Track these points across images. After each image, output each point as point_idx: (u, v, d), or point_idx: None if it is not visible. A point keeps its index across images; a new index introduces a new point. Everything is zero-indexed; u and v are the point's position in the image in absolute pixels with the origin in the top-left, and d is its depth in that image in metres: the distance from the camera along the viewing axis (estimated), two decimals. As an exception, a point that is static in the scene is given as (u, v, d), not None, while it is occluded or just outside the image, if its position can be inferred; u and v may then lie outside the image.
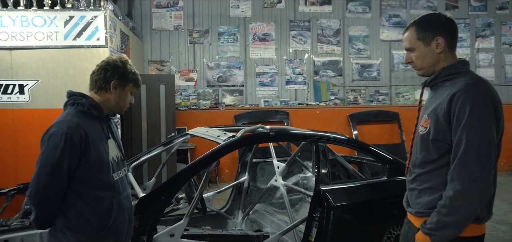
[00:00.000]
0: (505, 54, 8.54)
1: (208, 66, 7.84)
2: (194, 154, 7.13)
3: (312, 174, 4.04)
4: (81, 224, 1.70)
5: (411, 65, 1.81)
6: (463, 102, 1.54)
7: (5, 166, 4.98)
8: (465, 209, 1.55)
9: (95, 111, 1.78)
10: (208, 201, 3.65)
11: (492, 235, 4.42)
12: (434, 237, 1.59)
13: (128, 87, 1.87)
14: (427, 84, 1.78)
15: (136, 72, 1.90)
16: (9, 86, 4.93)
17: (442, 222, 1.57)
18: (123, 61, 1.85)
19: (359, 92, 8.20)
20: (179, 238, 2.67)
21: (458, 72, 1.67)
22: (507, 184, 7.07)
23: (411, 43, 1.74)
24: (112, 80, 1.81)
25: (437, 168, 1.66)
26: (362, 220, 2.99)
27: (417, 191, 1.75)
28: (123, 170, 1.95)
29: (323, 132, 3.60)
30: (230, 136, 2.91)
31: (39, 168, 1.66)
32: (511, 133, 8.40)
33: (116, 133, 1.97)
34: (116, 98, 1.84)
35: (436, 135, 1.64)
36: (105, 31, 4.99)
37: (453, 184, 1.56)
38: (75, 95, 1.80)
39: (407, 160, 1.89)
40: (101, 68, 1.82)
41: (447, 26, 1.71)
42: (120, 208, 1.81)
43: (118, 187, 1.83)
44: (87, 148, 1.69)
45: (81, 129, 1.68)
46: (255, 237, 3.29)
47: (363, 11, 8.16)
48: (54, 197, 1.66)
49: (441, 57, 1.70)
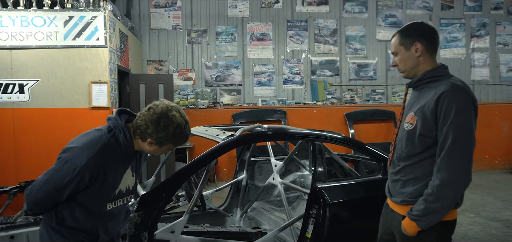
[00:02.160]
0: (500, 54, 8.64)
1: (206, 66, 7.90)
2: (192, 153, 7.19)
3: (309, 172, 4.11)
4: (62, 230, 1.74)
5: (396, 68, 1.99)
6: (450, 102, 1.72)
7: (5, 165, 5.02)
8: (451, 195, 1.74)
9: (125, 149, 1.72)
10: (207, 199, 3.71)
11: (485, 232, 4.51)
12: (421, 223, 1.76)
13: (166, 146, 1.75)
14: (412, 85, 1.96)
15: (181, 132, 1.70)
16: (9, 85, 4.98)
17: (429, 209, 1.74)
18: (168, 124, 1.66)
19: (355, 92, 8.28)
20: (179, 234, 2.73)
21: (440, 75, 1.87)
22: (501, 181, 7.17)
23: (395, 48, 1.95)
24: (149, 138, 1.69)
25: (420, 160, 1.83)
26: (357, 216, 3.05)
27: (401, 181, 1.91)
28: (126, 198, 1.90)
29: (320, 131, 3.67)
30: (229, 135, 2.97)
31: (45, 181, 1.65)
32: (506, 131, 8.58)
33: (138, 165, 1.92)
34: (150, 151, 1.77)
35: (423, 131, 1.80)
36: (104, 31, 5.04)
37: (440, 174, 1.73)
38: (117, 126, 1.71)
39: (390, 153, 2.04)
40: (144, 121, 1.68)
41: (426, 32, 1.90)
42: (104, 233, 1.84)
43: (109, 216, 1.83)
44: (96, 182, 1.66)
45: (99, 166, 1.64)
46: (253, 234, 3.35)
47: (359, 11, 8.24)
48: (47, 205, 1.72)
49: (420, 61, 1.90)
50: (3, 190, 3.33)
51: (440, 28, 8.45)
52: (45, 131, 4.97)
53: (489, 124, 8.31)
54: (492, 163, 8.33)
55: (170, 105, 1.70)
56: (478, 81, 8.56)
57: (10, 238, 2.41)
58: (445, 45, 8.47)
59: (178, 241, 2.72)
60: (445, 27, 8.49)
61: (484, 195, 6.18)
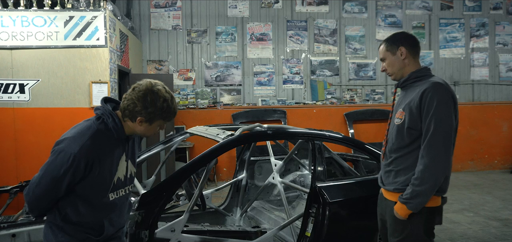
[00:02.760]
0: (499, 54, 8.66)
1: (206, 66, 7.92)
2: (192, 152, 7.21)
3: (308, 172, 4.13)
4: (67, 227, 1.74)
5: (386, 73, 2.29)
6: (432, 97, 1.98)
7: (6, 164, 5.03)
8: (432, 179, 1.98)
9: (116, 134, 1.74)
10: (207, 198, 3.72)
11: (484, 231, 4.53)
12: (410, 204, 2.01)
13: (157, 123, 1.76)
14: (400, 85, 2.25)
15: (170, 106, 1.73)
16: (9, 85, 4.99)
17: (415, 192, 1.99)
18: (156, 98, 1.68)
19: (355, 92, 8.30)
20: (179, 233, 2.74)
21: (424, 75, 2.15)
22: (501, 181, 7.19)
23: (383, 54, 2.26)
24: (139, 116, 1.71)
25: (409, 152, 2.09)
26: (356, 215, 3.07)
27: (394, 172, 2.17)
28: (126, 188, 1.90)
29: (319, 130, 3.69)
30: (229, 135, 2.99)
31: (41, 176, 1.67)
32: (505, 131, 8.60)
33: (133, 152, 1.92)
34: (141, 130, 1.77)
35: (410, 124, 2.06)
36: (104, 31, 5.06)
37: (423, 160, 1.99)
38: (105, 112, 1.74)
39: (383, 147, 2.29)
40: (131, 101, 1.70)
41: (408, 39, 2.21)
42: (110, 225, 1.84)
43: (113, 205, 1.84)
44: (92, 170, 1.67)
45: (92, 152, 1.65)
46: (253, 233, 3.37)
47: (359, 11, 8.26)
48: (47, 202, 1.72)
49: (406, 63, 2.19)
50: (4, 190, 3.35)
51: (440, 28, 8.47)
52: (46, 130, 4.98)
53: (489, 124, 8.33)
54: (491, 162, 8.35)
55: (154, 81, 1.73)
56: (477, 81, 8.58)
57: (12, 237, 2.43)
58: (444, 45, 8.48)
59: (179, 239, 2.74)
60: (444, 27, 8.50)
61: (484, 195, 6.20)
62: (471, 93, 8.58)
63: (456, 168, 8.02)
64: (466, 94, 8.54)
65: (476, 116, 8.28)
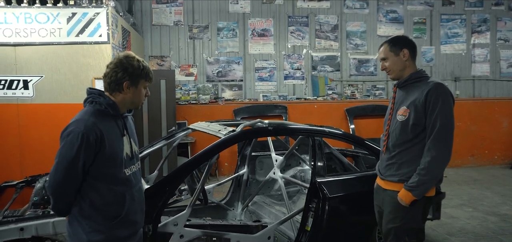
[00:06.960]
0: (501, 50, 8.66)
1: (207, 61, 7.95)
2: (194, 148, 7.27)
3: (308, 167, 4.18)
4: (94, 214, 1.83)
5: (385, 71, 2.47)
6: (437, 96, 2.22)
7: (10, 160, 5.09)
8: (438, 170, 2.23)
9: (112, 110, 1.88)
10: (209, 193, 3.78)
11: (482, 226, 4.58)
12: (415, 191, 2.22)
13: (141, 84, 1.93)
14: (400, 85, 2.43)
15: (146, 66, 1.95)
16: (13, 81, 5.04)
17: (421, 181, 2.21)
18: (130, 60, 1.89)
19: (356, 87, 8.33)
20: (182, 227, 2.80)
21: (422, 77, 2.37)
22: (500, 176, 7.23)
23: (385, 54, 2.43)
24: (124, 81, 1.88)
25: (412, 146, 2.30)
26: (356, 210, 3.12)
27: (397, 164, 2.36)
28: (136, 164, 2.04)
29: (320, 126, 3.73)
30: (230, 131, 3.04)
31: (57, 162, 1.78)
32: (506, 127, 8.62)
33: (131, 129, 2.05)
34: (130, 97, 1.93)
35: (415, 121, 2.27)
36: (107, 28, 5.10)
37: (430, 152, 2.20)
38: (93, 93, 1.89)
39: (384, 141, 2.48)
40: (111, 71, 1.88)
41: (410, 43, 2.41)
42: (132, 200, 1.94)
43: (131, 181, 1.95)
44: (102, 146, 1.80)
45: (97, 128, 1.79)
46: (254, 227, 3.42)
47: (360, 7, 8.27)
48: (69, 189, 1.80)
49: (407, 64, 2.39)
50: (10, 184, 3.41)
51: (441, 24, 8.47)
52: (49, 126, 5.03)
53: (489, 119, 8.35)
54: (491, 158, 8.38)
55: (125, 51, 1.92)
56: (478, 76, 8.59)
57: (20, 230, 2.49)
58: (445, 41, 8.49)
59: (181, 233, 2.80)
60: (446, 22, 8.50)
61: (483, 190, 6.24)
62: (472, 89, 8.59)
63: (456, 163, 8.05)
64: (467, 90, 8.56)
65: (476, 112, 8.30)
